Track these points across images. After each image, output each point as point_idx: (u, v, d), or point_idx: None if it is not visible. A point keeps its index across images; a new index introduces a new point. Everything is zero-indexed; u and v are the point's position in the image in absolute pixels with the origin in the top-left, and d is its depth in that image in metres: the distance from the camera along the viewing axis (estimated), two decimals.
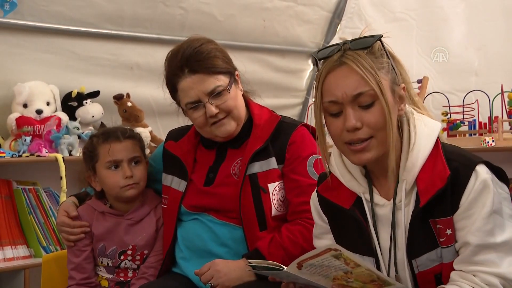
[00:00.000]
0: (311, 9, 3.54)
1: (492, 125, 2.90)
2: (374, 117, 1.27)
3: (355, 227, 1.38)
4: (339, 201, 1.40)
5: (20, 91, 2.56)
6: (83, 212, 1.87)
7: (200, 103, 1.70)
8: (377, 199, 1.37)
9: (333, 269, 1.24)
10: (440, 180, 1.28)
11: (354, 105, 1.28)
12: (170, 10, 3.00)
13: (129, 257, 1.84)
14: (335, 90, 1.28)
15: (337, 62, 1.28)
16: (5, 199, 2.48)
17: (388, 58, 1.31)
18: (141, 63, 3.00)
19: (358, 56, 1.27)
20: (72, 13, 2.71)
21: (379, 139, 1.29)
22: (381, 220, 1.37)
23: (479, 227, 1.26)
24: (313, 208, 1.50)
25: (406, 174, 1.32)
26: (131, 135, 1.89)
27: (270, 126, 1.76)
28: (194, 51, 1.69)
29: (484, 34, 3.23)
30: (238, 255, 1.70)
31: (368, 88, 1.26)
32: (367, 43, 1.29)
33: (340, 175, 1.40)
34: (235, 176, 1.74)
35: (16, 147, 2.51)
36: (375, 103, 1.27)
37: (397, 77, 1.33)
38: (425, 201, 1.29)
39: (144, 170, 1.87)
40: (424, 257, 1.31)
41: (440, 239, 1.30)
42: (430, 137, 1.34)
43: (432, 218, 1.30)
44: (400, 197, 1.33)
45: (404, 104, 1.34)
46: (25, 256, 2.47)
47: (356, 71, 1.26)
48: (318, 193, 1.46)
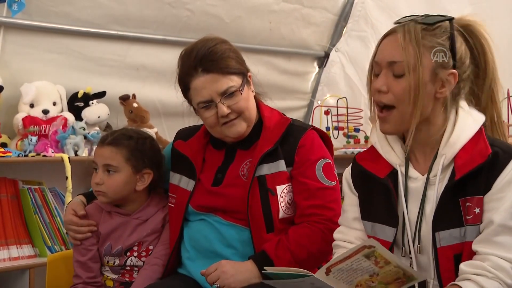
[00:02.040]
0: (318, 11, 3.54)
1: None
2: (401, 88, 1.33)
3: (385, 197, 1.42)
4: (375, 171, 1.44)
5: (26, 91, 2.57)
6: (90, 211, 1.87)
7: (212, 103, 1.70)
8: (411, 173, 1.41)
9: (360, 272, 1.24)
10: (481, 157, 1.32)
11: (388, 70, 1.35)
12: (176, 12, 3.01)
13: (135, 253, 1.84)
14: (379, 53, 1.38)
15: (394, 29, 1.36)
16: (11, 198, 2.48)
17: (449, 40, 1.34)
18: (147, 64, 3.00)
19: (412, 29, 1.33)
20: (79, 13, 2.72)
21: (401, 111, 1.35)
22: (412, 194, 1.40)
23: (507, 208, 1.29)
24: (345, 181, 1.54)
25: (447, 149, 1.36)
26: (118, 142, 1.81)
27: (280, 128, 1.76)
28: (208, 51, 1.70)
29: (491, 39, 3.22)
30: (245, 256, 1.70)
31: (402, 59, 1.32)
32: (432, 20, 1.35)
33: (380, 146, 1.46)
34: (243, 177, 1.74)
35: (23, 147, 2.51)
36: (406, 75, 1.33)
37: (453, 62, 1.34)
38: (462, 174, 1.32)
39: (119, 181, 1.79)
40: (447, 232, 1.33)
41: (467, 216, 1.32)
42: (476, 122, 1.38)
43: (463, 196, 1.33)
44: (436, 172, 1.37)
45: (446, 89, 1.36)
46: (30, 256, 2.46)
47: (399, 40, 1.33)
48: (355, 161, 1.51)
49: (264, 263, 1.65)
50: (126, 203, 1.87)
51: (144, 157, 1.84)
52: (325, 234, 1.65)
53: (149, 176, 1.85)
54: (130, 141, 1.84)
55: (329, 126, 3.39)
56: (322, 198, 1.68)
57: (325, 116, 3.46)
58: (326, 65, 3.75)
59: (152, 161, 1.86)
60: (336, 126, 3.42)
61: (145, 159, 1.84)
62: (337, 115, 3.41)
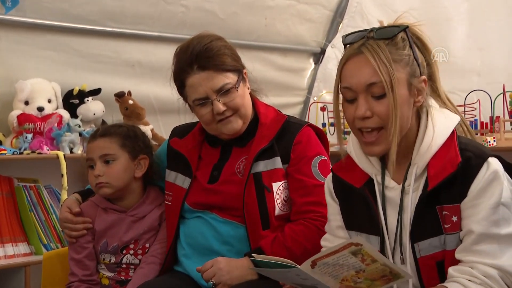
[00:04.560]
0: (313, 7, 3.54)
1: (494, 125, 2.90)
2: (385, 108, 1.30)
3: (364, 206, 1.40)
4: (351, 180, 1.43)
5: (21, 88, 2.55)
6: (85, 209, 1.87)
7: (208, 100, 1.70)
8: (388, 182, 1.39)
9: (346, 268, 1.24)
10: (451, 166, 1.30)
11: (367, 94, 1.31)
12: (171, 8, 3.00)
13: (131, 251, 1.84)
14: (350, 78, 1.32)
15: (357, 50, 1.32)
16: (6, 196, 2.47)
17: (411, 49, 1.32)
18: (142, 61, 3.00)
19: (377, 47, 1.30)
20: (74, 10, 2.71)
21: (388, 130, 1.31)
22: (390, 203, 1.39)
23: (485, 216, 1.27)
24: (326, 189, 1.53)
25: (418, 158, 1.35)
26: (109, 132, 1.84)
27: (276, 125, 1.75)
28: (204, 48, 1.69)
29: (487, 34, 3.23)
30: (241, 253, 1.69)
31: (380, 79, 1.29)
32: (390, 33, 1.32)
33: (356, 156, 1.44)
34: (239, 174, 1.74)
35: (18, 144, 2.51)
36: (387, 95, 1.30)
37: (420, 68, 1.34)
38: (433, 185, 1.30)
39: (119, 168, 1.81)
40: (426, 242, 1.32)
41: (445, 225, 1.31)
42: (447, 127, 1.36)
43: (439, 204, 1.32)
44: (410, 181, 1.35)
45: (422, 96, 1.35)
46: (26, 254, 2.46)
47: (371, 62, 1.29)
48: (332, 171, 1.49)
49: None
50: (125, 195, 1.86)
51: (138, 141, 1.87)
52: (321, 231, 1.65)
53: (146, 161, 1.87)
54: (121, 129, 1.87)
55: (325, 123, 3.38)
56: (318, 195, 1.68)
57: (321, 112, 3.46)
58: (322, 61, 3.75)
59: (146, 145, 1.89)
60: (332, 123, 3.41)
61: (139, 143, 1.87)
62: None
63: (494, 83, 3.01)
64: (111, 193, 1.84)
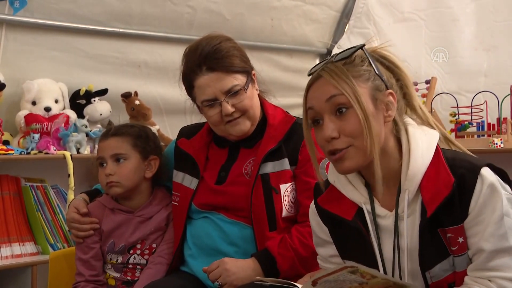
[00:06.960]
0: (319, 8, 3.53)
1: (501, 126, 2.89)
2: (350, 124, 1.26)
3: (357, 238, 1.36)
4: (341, 213, 1.37)
5: (29, 88, 2.56)
6: (93, 209, 1.88)
7: (217, 101, 1.70)
8: (378, 210, 1.35)
9: (348, 283, 1.22)
10: (446, 188, 1.26)
11: (330, 114, 1.28)
12: (178, 9, 3.00)
13: (138, 251, 1.84)
14: (312, 99, 1.31)
15: (317, 75, 1.31)
16: (13, 196, 2.48)
17: (370, 65, 1.30)
18: (149, 62, 3.00)
19: (334, 67, 1.29)
20: (81, 11, 2.72)
21: (358, 147, 1.27)
22: (384, 231, 1.35)
23: (492, 232, 1.25)
24: (312, 220, 1.46)
25: (408, 183, 1.30)
26: (121, 132, 1.86)
27: (284, 126, 1.75)
28: (213, 49, 1.69)
29: (493, 35, 3.22)
30: (247, 254, 1.70)
31: (340, 91, 1.26)
32: (347, 53, 1.31)
33: (341, 186, 1.38)
34: (246, 175, 1.74)
35: (25, 144, 2.52)
36: (350, 110, 1.26)
37: (385, 83, 1.31)
38: (432, 210, 1.27)
39: (130, 167, 1.83)
40: (436, 268, 1.30)
41: (452, 247, 1.28)
42: (430, 144, 1.32)
43: (441, 227, 1.29)
44: (403, 208, 1.31)
45: (392, 110, 1.32)
46: (33, 253, 2.47)
47: (329, 80, 1.28)
48: (318, 205, 1.43)
49: (267, 261, 1.65)
50: (134, 195, 1.87)
51: (149, 141, 1.88)
52: None
53: (156, 162, 1.88)
54: (133, 129, 1.88)
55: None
56: None
57: None
58: None
59: (156, 145, 1.90)
60: None
61: (150, 144, 1.88)
62: None
63: (501, 84, 3.00)
64: (121, 192, 1.84)
